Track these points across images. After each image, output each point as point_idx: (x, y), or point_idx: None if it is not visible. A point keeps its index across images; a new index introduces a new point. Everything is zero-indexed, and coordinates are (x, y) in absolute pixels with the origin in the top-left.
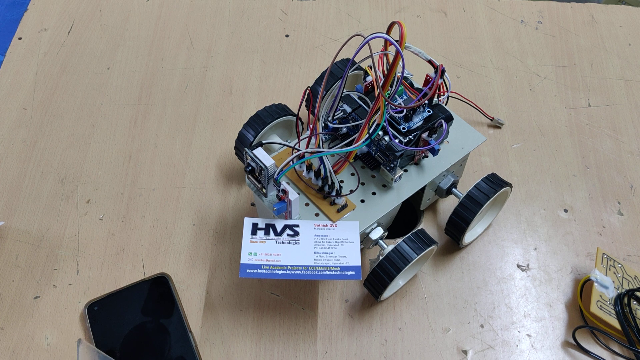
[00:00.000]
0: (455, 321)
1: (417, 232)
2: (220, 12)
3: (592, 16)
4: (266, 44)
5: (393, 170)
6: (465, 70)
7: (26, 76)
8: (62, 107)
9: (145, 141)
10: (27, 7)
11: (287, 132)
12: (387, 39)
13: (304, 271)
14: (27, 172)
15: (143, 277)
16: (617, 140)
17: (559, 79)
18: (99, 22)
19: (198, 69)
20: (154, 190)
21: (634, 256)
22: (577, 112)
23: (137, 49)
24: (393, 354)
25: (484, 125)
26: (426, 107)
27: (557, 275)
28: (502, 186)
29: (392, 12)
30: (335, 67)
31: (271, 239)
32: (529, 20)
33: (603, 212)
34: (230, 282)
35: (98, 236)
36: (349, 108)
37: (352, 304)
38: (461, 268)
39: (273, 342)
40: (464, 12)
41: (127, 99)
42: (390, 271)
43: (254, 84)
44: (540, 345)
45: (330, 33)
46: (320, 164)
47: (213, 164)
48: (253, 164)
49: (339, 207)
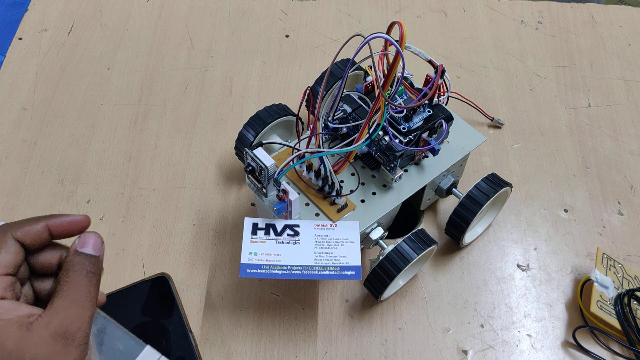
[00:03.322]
0: (455, 321)
1: (417, 232)
2: (220, 12)
3: (592, 16)
4: (266, 44)
5: (393, 170)
6: (465, 70)
7: (26, 76)
8: (62, 107)
9: (145, 141)
10: (27, 7)
11: (287, 132)
12: (387, 39)
13: (304, 271)
14: (27, 172)
15: (143, 277)
16: (617, 140)
17: (559, 79)
18: (99, 22)
19: (198, 69)
20: (154, 190)
21: (634, 256)
22: (577, 112)
23: (137, 49)
24: (393, 354)
25: (484, 125)
26: (426, 107)
27: (557, 275)
28: (502, 186)
29: (392, 12)
30: (335, 67)
31: (271, 238)
32: (529, 21)
33: (603, 212)
34: (230, 282)
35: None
36: (349, 108)
37: (352, 304)
38: (461, 268)
39: (273, 342)
40: (464, 12)
41: (127, 99)
42: (391, 271)
43: (254, 84)
44: (541, 345)
45: (330, 33)
46: (321, 164)
47: (213, 164)
48: (253, 164)
49: (339, 207)
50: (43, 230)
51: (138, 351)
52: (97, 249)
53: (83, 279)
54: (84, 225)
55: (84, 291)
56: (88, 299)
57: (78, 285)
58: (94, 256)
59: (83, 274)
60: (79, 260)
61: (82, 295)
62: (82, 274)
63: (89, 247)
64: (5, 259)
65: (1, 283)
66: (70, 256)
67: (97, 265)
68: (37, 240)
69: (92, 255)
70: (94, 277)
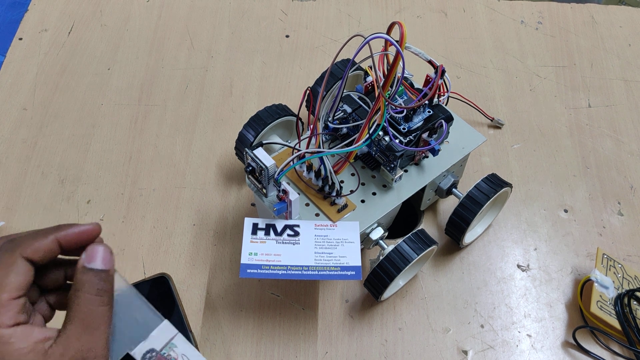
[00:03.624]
0: (455, 321)
1: (417, 232)
2: (220, 12)
3: (592, 16)
4: (266, 44)
5: (393, 171)
6: (465, 70)
7: (26, 76)
8: (62, 108)
9: (145, 141)
10: (27, 7)
11: (288, 132)
12: (388, 39)
13: (304, 271)
14: (28, 172)
15: (143, 277)
16: (617, 141)
17: (559, 79)
18: (99, 22)
19: (198, 69)
20: (154, 190)
21: (634, 256)
22: (577, 112)
23: (137, 50)
24: (393, 354)
25: (484, 125)
26: (426, 108)
27: (557, 276)
28: (502, 186)
29: (392, 13)
30: (336, 67)
31: (271, 239)
32: (529, 21)
33: (603, 213)
34: (230, 282)
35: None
36: (349, 108)
37: (352, 304)
38: (461, 268)
39: (273, 342)
40: (464, 12)
41: (128, 99)
42: (391, 271)
43: (254, 84)
44: (541, 346)
45: (330, 33)
46: (321, 164)
47: (213, 164)
48: (253, 164)
49: (339, 207)
50: (53, 245)
51: (155, 325)
52: (106, 263)
53: (94, 299)
54: (94, 234)
55: (97, 313)
56: (103, 322)
57: (89, 306)
58: (103, 271)
59: (93, 294)
60: (88, 279)
61: (95, 318)
62: (93, 293)
63: (98, 262)
64: (16, 281)
65: (13, 307)
66: (78, 273)
67: (107, 280)
68: (47, 256)
69: (102, 270)
70: (106, 295)
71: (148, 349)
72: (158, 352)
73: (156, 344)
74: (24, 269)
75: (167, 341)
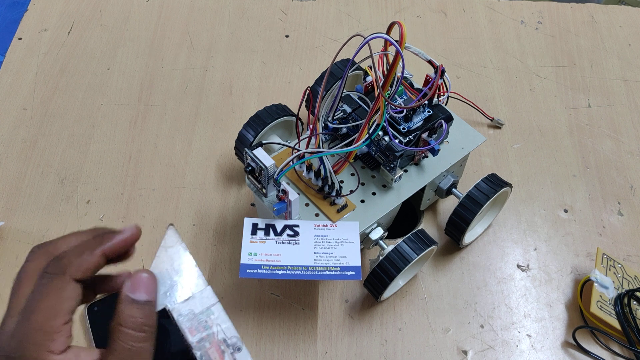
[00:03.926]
0: (455, 321)
1: (417, 232)
2: (220, 12)
3: (592, 16)
4: (266, 44)
5: (393, 171)
6: (465, 70)
7: (26, 76)
8: (62, 108)
9: (145, 141)
10: (27, 7)
11: (287, 132)
12: (387, 39)
13: (304, 271)
14: (27, 172)
15: None
16: (617, 141)
17: (559, 79)
18: (99, 22)
19: (198, 69)
20: (154, 190)
21: (634, 256)
22: (577, 112)
23: (137, 49)
24: (393, 354)
25: (484, 125)
26: (426, 107)
27: (557, 276)
28: (502, 186)
29: (392, 13)
30: (335, 67)
31: (271, 239)
32: (529, 21)
33: (603, 213)
34: (230, 282)
35: None
36: (349, 108)
37: (352, 304)
38: (461, 268)
39: (273, 342)
40: (464, 12)
41: (127, 99)
42: (390, 271)
43: (254, 84)
44: (540, 346)
45: (330, 33)
46: (320, 164)
47: (213, 164)
48: (253, 164)
49: (339, 207)
50: (101, 261)
51: (198, 288)
52: (150, 293)
53: (136, 336)
54: (136, 239)
55: (137, 350)
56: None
57: (131, 342)
58: (147, 303)
59: (136, 330)
60: (131, 313)
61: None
62: (135, 329)
63: (142, 292)
64: (68, 306)
65: (64, 333)
66: (121, 304)
67: (150, 315)
68: (94, 273)
69: (145, 302)
70: (149, 331)
71: (187, 309)
72: (196, 315)
73: (196, 307)
74: (75, 292)
75: (206, 307)
